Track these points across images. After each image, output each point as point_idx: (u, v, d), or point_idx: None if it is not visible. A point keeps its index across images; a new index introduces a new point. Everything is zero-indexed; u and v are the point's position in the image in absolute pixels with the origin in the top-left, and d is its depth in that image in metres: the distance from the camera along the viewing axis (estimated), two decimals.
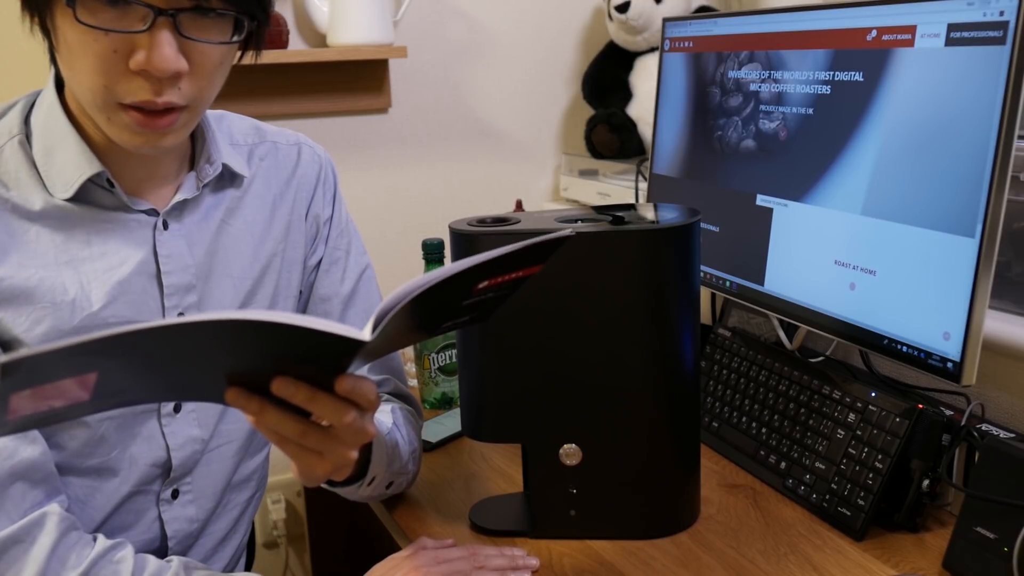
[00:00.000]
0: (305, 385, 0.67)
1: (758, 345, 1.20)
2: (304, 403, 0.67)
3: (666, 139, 1.33)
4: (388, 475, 0.97)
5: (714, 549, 0.96)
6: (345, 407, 0.69)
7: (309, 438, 0.70)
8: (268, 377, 0.67)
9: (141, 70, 0.76)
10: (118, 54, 0.76)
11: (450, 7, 1.89)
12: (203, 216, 0.94)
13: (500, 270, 0.69)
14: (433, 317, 0.73)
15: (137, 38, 0.76)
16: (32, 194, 0.84)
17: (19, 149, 0.85)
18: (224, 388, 0.68)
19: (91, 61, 0.76)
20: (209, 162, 0.93)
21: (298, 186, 1.02)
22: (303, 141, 1.05)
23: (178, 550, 0.96)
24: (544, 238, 0.69)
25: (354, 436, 0.72)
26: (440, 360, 1.34)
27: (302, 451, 0.72)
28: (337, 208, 1.06)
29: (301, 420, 0.70)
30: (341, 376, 0.68)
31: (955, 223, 0.89)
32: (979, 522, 0.89)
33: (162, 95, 0.78)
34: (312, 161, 1.04)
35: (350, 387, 0.68)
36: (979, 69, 0.86)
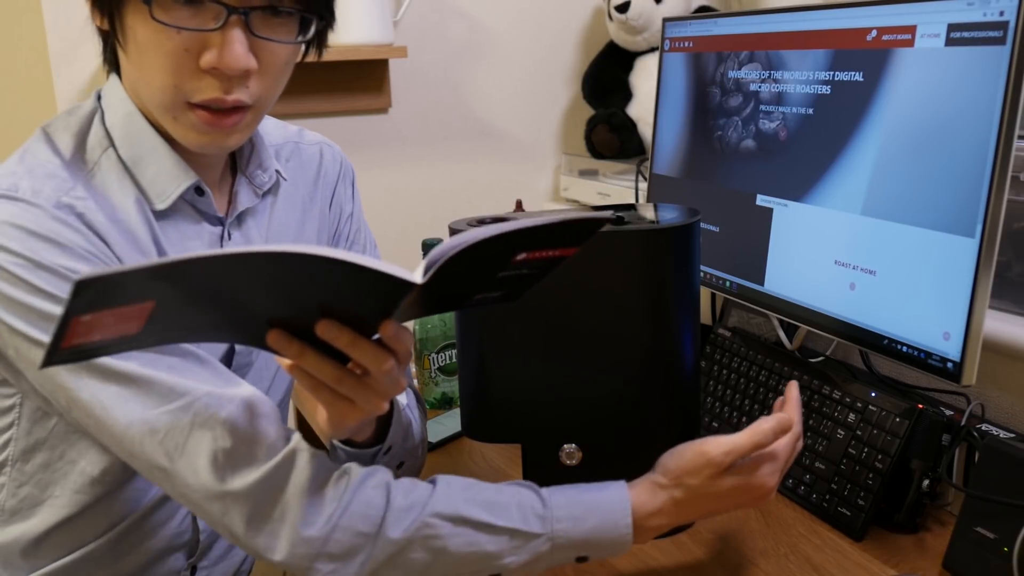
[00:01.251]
0: (348, 329, 0.68)
1: (758, 345, 1.20)
2: (346, 347, 0.68)
3: (666, 139, 1.33)
4: (402, 451, 0.97)
5: (714, 549, 0.96)
6: (385, 354, 0.70)
7: (345, 384, 0.71)
8: (311, 321, 0.68)
9: (212, 68, 0.77)
10: (189, 52, 0.77)
11: (450, 7, 1.89)
12: (256, 222, 0.95)
13: (540, 243, 0.70)
14: (470, 283, 0.73)
15: (209, 36, 0.76)
16: (130, 205, 0.83)
17: (116, 160, 0.84)
18: (266, 331, 0.69)
19: (162, 60, 0.77)
20: (262, 168, 0.94)
21: (323, 184, 1.04)
22: (323, 141, 1.07)
23: (207, 542, 0.96)
24: (587, 215, 0.69)
25: (389, 386, 0.73)
26: (440, 360, 1.34)
27: (335, 398, 0.73)
28: (356, 205, 1.08)
29: (339, 366, 0.71)
30: (387, 320, 0.68)
31: (955, 223, 0.89)
32: (979, 522, 0.88)
33: (231, 93, 0.79)
34: (334, 160, 1.06)
35: (394, 332, 0.69)
36: (979, 69, 0.86)
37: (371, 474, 0.80)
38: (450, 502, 0.79)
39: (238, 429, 0.77)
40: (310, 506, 0.76)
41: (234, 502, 0.76)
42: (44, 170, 0.80)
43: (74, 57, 1.57)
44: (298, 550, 0.75)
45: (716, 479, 0.82)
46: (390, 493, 0.79)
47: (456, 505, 0.79)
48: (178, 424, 0.76)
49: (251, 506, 0.76)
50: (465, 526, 0.78)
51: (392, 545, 0.77)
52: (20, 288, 0.75)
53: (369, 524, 0.77)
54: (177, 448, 0.76)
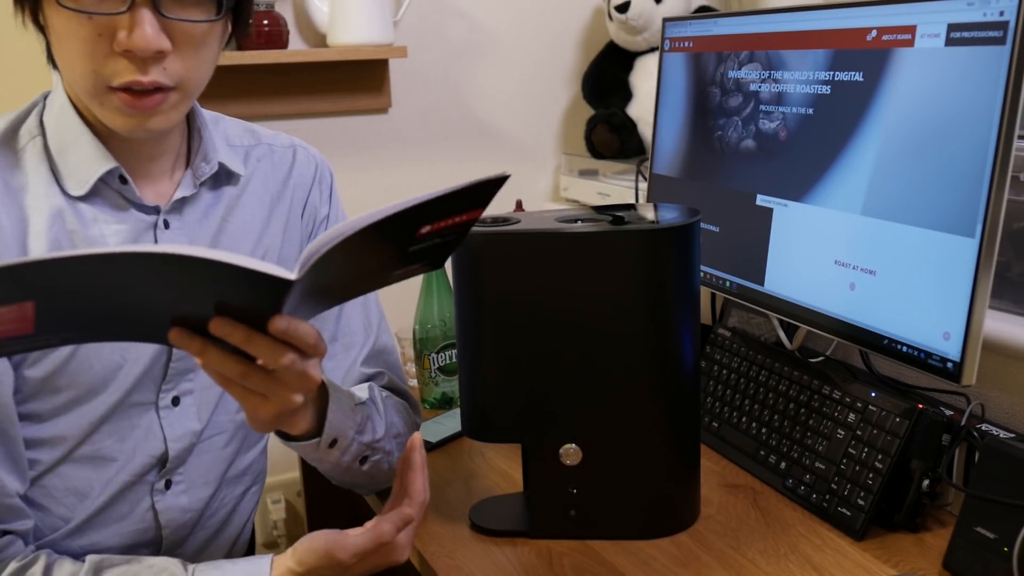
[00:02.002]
0: (242, 326, 0.68)
1: (758, 345, 1.20)
2: (240, 343, 0.68)
3: (666, 139, 1.33)
4: (359, 446, 0.96)
5: (714, 549, 0.96)
6: (281, 348, 0.70)
7: (251, 379, 0.72)
8: (208, 317, 0.68)
9: (124, 51, 0.78)
10: (103, 37, 0.78)
11: (450, 7, 1.89)
12: (204, 214, 0.95)
13: (438, 214, 0.70)
14: (378, 263, 0.73)
15: (119, 19, 0.78)
16: (48, 192, 0.86)
17: (41, 149, 0.87)
18: (167, 328, 0.68)
19: (78, 46, 0.79)
20: (206, 160, 0.94)
21: (295, 186, 1.03)
22: (297, 143, 1.06)
23: (173, 539, 0.96)
24: (478, 180, 0.69)
25: (296, 380, 0.73)
26: (440, 360, 1.34)
27: (246, 393, 0.73)
28: (334, 207, 1.07)
29: (243, 361, 0.71)
30: (275, 316, 0.68)
31: (955, 223, 0.89)
32: (979, 522, 0.88)
33: (147, 74, 0.80)
34: (308, 162, 1.05)
35: (283, 327, 0.68)
36: (979, 69, 0.86)
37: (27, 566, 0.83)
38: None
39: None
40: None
41: None
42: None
43: None
44: None
45: (345, 570, 0.87)
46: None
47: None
48: None
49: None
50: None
51: None
52: None
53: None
54: None
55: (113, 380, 0.89)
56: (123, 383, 0.89)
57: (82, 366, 0.87)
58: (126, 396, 0.90)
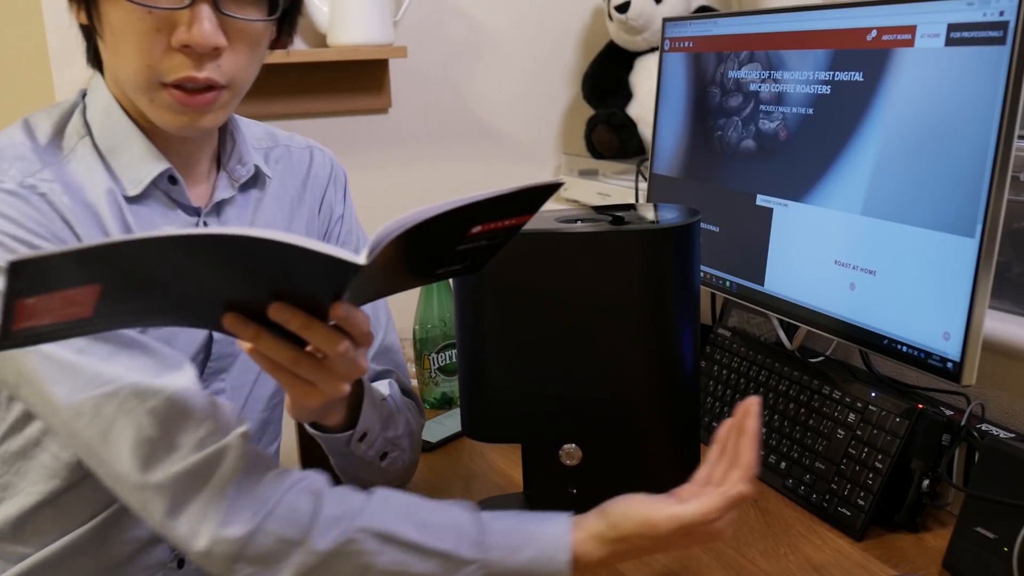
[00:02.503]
0: (301, 312, 0.68)
1: (758, 345, 1.20)
2: (299, 329, 0.69)
3: (666, 139, 1.33)
4: (383, 441, 0.96)
5: (714, 549, 0.96)
6: (338, 336, 0.70)
7: (302, 366, 0.72)
8: (265, 304, 0.68)
9: (182, 46, 0.79)
10: (160, 32, 0.80)
11: (450, 7, 1.89)
12: (237, 215, 0.96)
13: (494, 214, 0.70)
14: (426, 259, 0.73)
15: (178, 15, 0.79)
16: (108, 189, 0.86)
17: (91, 147, 0.87)
18: (222, 314, 0.69)
19: (135, 41, 0.80)
20: (241, 163, 0.95)
21: (313, 185, 1.05)
22: (313, 145, 1.08)
23: None
24: (536, 184, 0.70)
25: (347, 367, 0.73)
26: (440, 360, 1.34)
27: (295, 380, 0.73)
28: (347, 207, 1.09)
29: (296, 348, 0.71)
30: (336, 302, 0.69)
31: (955, 223, 0.89)
32: (979, 522, 0.88)
33: (202, 71, 0.81)
34: (324, 163, 1.07)
35: (344, 314, 0.69)
36: (979, 69, 0.86)
37: (303, 479, 0.79)
38: (382, 518, 0.78)
39: (165, 421, 0.76)
40: (233, 504, 0.75)
41: (152, 494, 0.75)
42: (15, 152, 0.83)
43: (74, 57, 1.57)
44: (217, 548, 0.74)
45: (659, 542, 0.81)
46: (320, 500, 0.77)
47: (388, 522, 0.78)
48: (102, 411, 0.76)
49: (170, 499, 0.75)
50: (394, 545, 0.77)
51: (316, 556, 0.75)
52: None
53: (295, 531, 0.76)
54: (101, 434, 0.76)
55: None
56: None
57: None
58: None
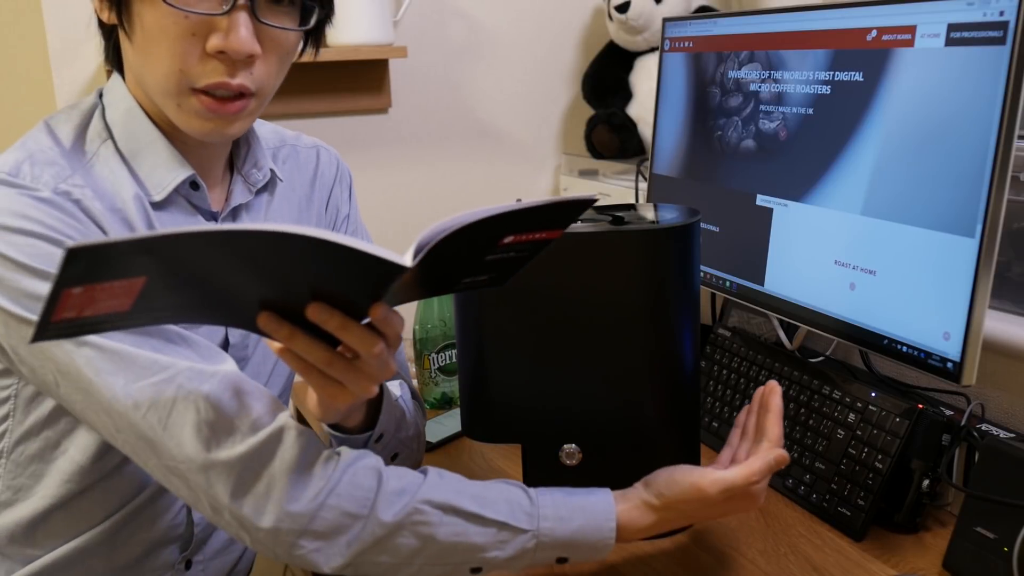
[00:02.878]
0: (339, 312, 0.69)
1: (758, 345, 1.20)
2: (336, 330, 0.69)
3: (666, 139, 1.33)
4: (395, 442, 0.98)
5: (714, 549, 0.96)
6: (375, 337, 0.70)
7: (335, 367, 0.72)
8: (302, 304, 0.68)
9: (217, 52, 0.79)
10: (196, 37, 0.79)
11: (450, 7, 1.89)
12: (252, 217, 0.96)
13: (528, 226, 0.70)
14: (458, 266, 0.73)
15: (216, 20, 0.79)
16: (127, 195, 0.85)
17: (114, 151, 0.87)
18: (256, 312, 0.69)
19: (169, 44, 0.79)
20: (257, 167, 0.95)
21: (320, 185, 1.05)
22: (320, 144, 1.08)
23: (201, 536, 0.97)
24: (572, 197, 0.70)
25: (378, 369, 0.73)
26: (440, 360, 1.34)
27: (325, 380, 0.73)
28: (353, 207, 1.10)
29: (328, 348, 0.71)
30: (377, 304, 0.69)
31: (955, 223, 0.89)
32: (979, 522, 0.88)
33: (236, 77, 0.81)
34: (330, 162, 1.08)
35: (383, 315, 0.69)
36: (979, 69, 0.86)
37: (363, 456, 0.80)
38: (441, 491, 0.80)
39: (222, 403, 0.77)
40: (297, 482, 0.76)
41: (219, 473, 0.76)
42: (45, 157, 0.82)
43: (74, 57, 1.57)
44: (283, 524, 0.75)
45: (707, 506, 0.84)
46: (382, 476, 0.79)
47: (447, 494, 0.80)
48: (161, 397, 0.76)
49: (236, 478, 0.76)
50: (455, 515, 0.79)
51: (382, 528, 0.77)
52: (14, 269, 0.76)
53: (359, 505, 0.77)
54: (160, 421, 0.76)
55: None
56: None
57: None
58: None
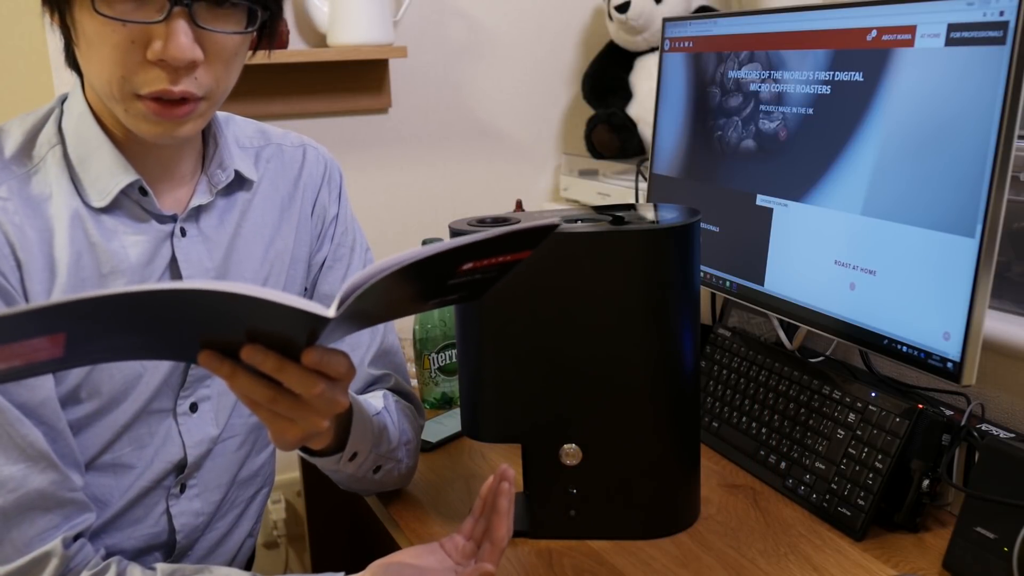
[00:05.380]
0: (274, 355, 0.67)
1: (758, 345, 1.20)
2: (272, 372, 0.68)
3: (666, 139, 1.33)
4: (375, 457, 0.97)
5: (714, 549, 0.96)
6: (313, 378, 0.69)
7: (280, 404, 0.71)
8: (240, 343, 0.67)
9: (158, 60, 0.78)
10: (135, 44, 0.78)
11: (450, 7, 1.89)
12: (219, 220, 0.95)
13: (483, 254, 0.69)
14: (418, 293, 0.73)
15: (154, 28, 0.77)
16: (70, 202, 0.85)
17: (61, 159, 0.86)
18: (197, 350, 0.68)
19: (109, 52, 0.78)
20: (221, 168, 0.94)
21: (305, 185, 1.03)
22: (307, 143, 1.06)
23: (185, 543, 0.97)
24: (523, 227, 0.68)
25: (325, 406, 0.72)
26: (440, 360, 1.34)
27: (273, 416, 0.72)
28: (342, 207, 1.07)
29: (272, 387, 0.70)
30: (308, 349, 0.67)
31: (955, 223, 0.89)
32: (979, 522, 0.89)
33: (178, 84, 0.80)
34: (317, 161, 1.05)
35: (316, 360, 0.68)
36: (979, 69, 0.86)
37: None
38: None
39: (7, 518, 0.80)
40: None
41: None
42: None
43: None
44: None
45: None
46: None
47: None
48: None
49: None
50: None
51: None
52: None
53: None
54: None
55: (133, 389, 0.89)
56: (143, 392, 0.89)
57: (103, 376, 0.87)
58: (146, 405, 0.90)
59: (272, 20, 0.87)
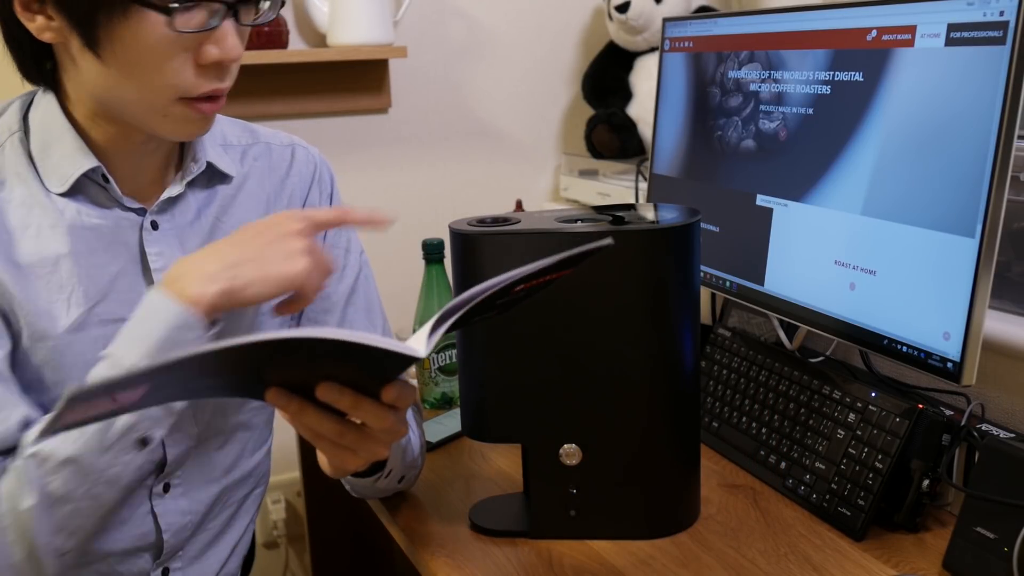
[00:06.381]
0: (350, 391, 0.68)
1: (758, 345, 1.20)
2: (348, 409, 0.69)
3: (666, 139, 1.33)
4: (402, 468, 0.99)
5: (714, 549, 0.96)
6: (387, 412, 0.71)
7: (346, 437, 0.72)
8: (309, 381, 0.67)
9: (214, 63, 0.80)
10: (188, 52, 0.80)
11: (450, 7, 1.89)
12: (196, 215, 0.94)
13: (539, 276, 0.71)
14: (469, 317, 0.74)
15: (203, 33, 0.79)
16: (29, 189, 0.86)
17: (19, 145, 0.87)
18: (264, 388, 0.69)
19: (160, 63, 0.79)
20: (194, 160, 0.94)
21: (293, 185, 1.03)
22: (297, 142, 1.06)
23: (174, 543, 0.96)
24: (588, 248, 0.70)
25: (389, 436, 0.74)
26: (440, 360, 1.34)
27: (336, 448, 0.74)
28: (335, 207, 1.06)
29: (339, 420, 0.71)
30: (388, 386, 0.69)
31: (955, 223, 0.89)
32: (979, 522, 0.89)
33: (225, 80, 0.83)
34: (307, 161, 1.05)
35: (396, 395, 0.70)
36: (979, 69, 0.86)
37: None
38: None
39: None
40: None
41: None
42: None
43: None
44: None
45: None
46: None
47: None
48: None
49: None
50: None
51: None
52: None
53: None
54: None
55: None
56: None
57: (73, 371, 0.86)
58: None
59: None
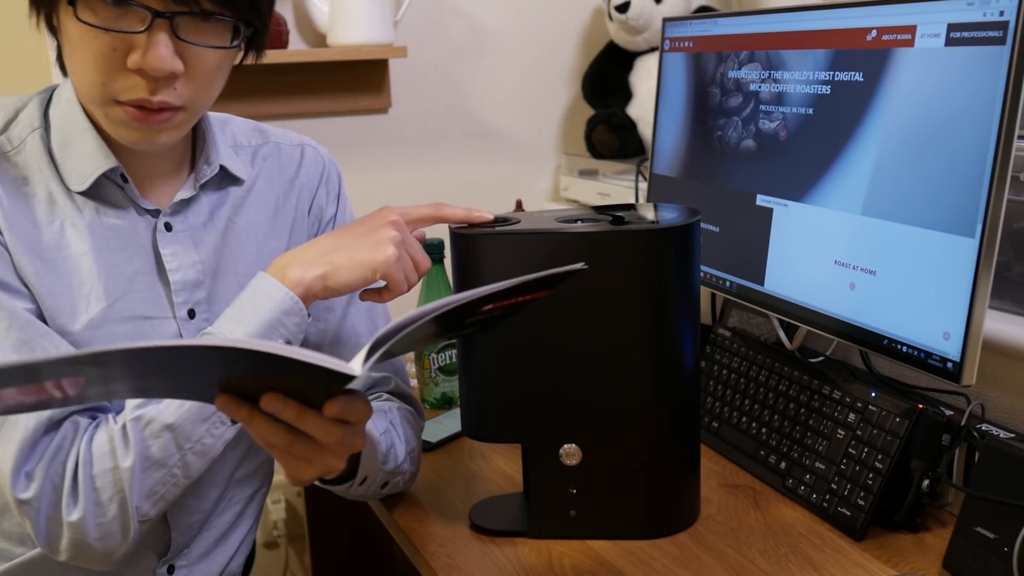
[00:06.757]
0: (293, 403, 0.67)
1: (758, 345, 1.20)
2: (292, 421, 0.68)
3: (666, 139, 1.33)
4: (383, 475, 0.98)
5: (714, 549, 0.96)
6: (333, 426, 0.69)
7: (297, 447, 0.71)
8: (259, 390, 0.67)
9: (137, 69, 0.79)
10: (116, 52, 0.79)
11: (450, 7, 1.89)
12: (209, 216, 0.95)
13: (505, 297, 0.70)
14: (435, 333, 0.74)
15: (135, 38, 0.78)
16: (51, 187, 0.87)
17: (40, 142, 0.88)
18: (214, 393, 0.68)
19: (90, 57, 0.79)
20: (207, 163, 0.94)
21: (301, 185, 1.04)
22: (306, 142, 1.06)
23: (181, 541, 0.96)
24: (559, 271, 0.69)
25: (343, 449, 0.72)
26: (440, 360, 1.34)
27: (290, 457, 0.73)
28: (341, 207, 1.08)
29: (289, 431, 0.70)
30: (330, 401, 0.68)
31: (955, 223, 0.89)
32: (979, 522, 0.89)
33: (156, 94, 0.80)
34: (315, 161, 1.06)
35: (339, 411, 0.68)
36: (979, 69, 0.86)
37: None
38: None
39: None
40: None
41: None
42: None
43: None
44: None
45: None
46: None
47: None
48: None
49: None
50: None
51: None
52: None
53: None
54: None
55: None
56: None
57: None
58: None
59: (257, 35, 0.88)
